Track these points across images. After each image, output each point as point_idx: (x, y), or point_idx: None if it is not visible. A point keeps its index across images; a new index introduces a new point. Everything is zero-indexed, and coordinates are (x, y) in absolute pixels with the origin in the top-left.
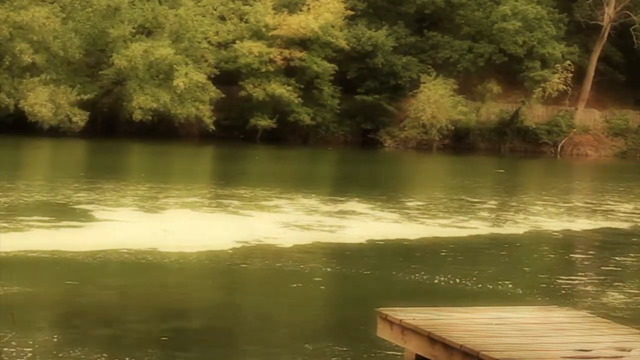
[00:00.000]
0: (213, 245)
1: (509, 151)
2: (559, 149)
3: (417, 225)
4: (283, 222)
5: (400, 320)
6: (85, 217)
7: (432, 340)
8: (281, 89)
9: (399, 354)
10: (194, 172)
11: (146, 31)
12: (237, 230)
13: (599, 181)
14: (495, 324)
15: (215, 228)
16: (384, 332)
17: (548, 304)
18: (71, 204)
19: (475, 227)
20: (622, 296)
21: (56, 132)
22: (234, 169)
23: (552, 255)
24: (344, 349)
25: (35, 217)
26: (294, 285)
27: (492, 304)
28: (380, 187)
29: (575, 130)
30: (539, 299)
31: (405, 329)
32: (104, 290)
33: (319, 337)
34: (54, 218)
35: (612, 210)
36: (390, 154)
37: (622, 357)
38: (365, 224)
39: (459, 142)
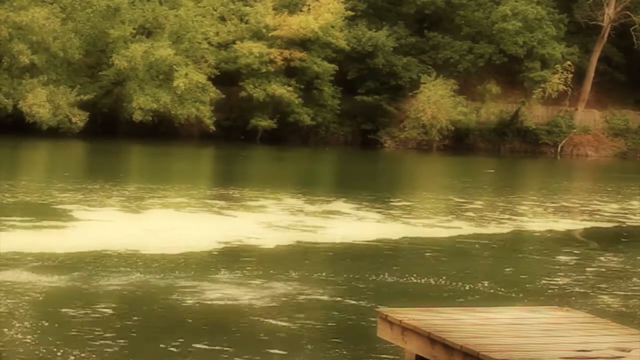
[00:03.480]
0: (195, 246)
1: (509, 152)
2: (559, 150)
3: (400, 225)
4: (266, 222)
5: (401, 320)
6: (67, 217)
7: (432, 340)
8: (281, 90)
9: (395, 357)
10: (187, 173)
11: (146, 32)
12: (219, 231)
13: (591, 181)
14: (495, 325)
15: (197, 229)
16: (383, 333)
17: (535, 304)
18: (55, 204)
19: (459, 227)
20: (607, 296)
21: (56, 133)
22: (228, 169)
23: (536, 256)
24: (344, 350)
25: (18, 218)
26: (282, 285)
27: (476, 305)
28: (371, 188)
29: (575, 130)
30: (524, 299)
31: (406, 329)
32: (87, 292)
33: (317, 337)
34: (35, 218)
35: (599, 211)
36: (389, 155)
37: (621, 357)
38: (348, 224)
39: (459, 142)
